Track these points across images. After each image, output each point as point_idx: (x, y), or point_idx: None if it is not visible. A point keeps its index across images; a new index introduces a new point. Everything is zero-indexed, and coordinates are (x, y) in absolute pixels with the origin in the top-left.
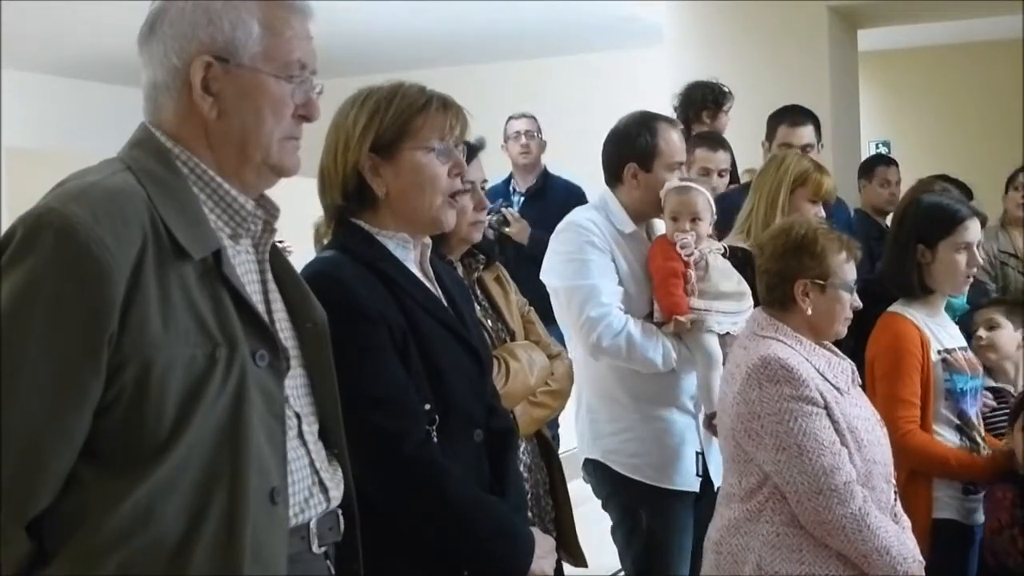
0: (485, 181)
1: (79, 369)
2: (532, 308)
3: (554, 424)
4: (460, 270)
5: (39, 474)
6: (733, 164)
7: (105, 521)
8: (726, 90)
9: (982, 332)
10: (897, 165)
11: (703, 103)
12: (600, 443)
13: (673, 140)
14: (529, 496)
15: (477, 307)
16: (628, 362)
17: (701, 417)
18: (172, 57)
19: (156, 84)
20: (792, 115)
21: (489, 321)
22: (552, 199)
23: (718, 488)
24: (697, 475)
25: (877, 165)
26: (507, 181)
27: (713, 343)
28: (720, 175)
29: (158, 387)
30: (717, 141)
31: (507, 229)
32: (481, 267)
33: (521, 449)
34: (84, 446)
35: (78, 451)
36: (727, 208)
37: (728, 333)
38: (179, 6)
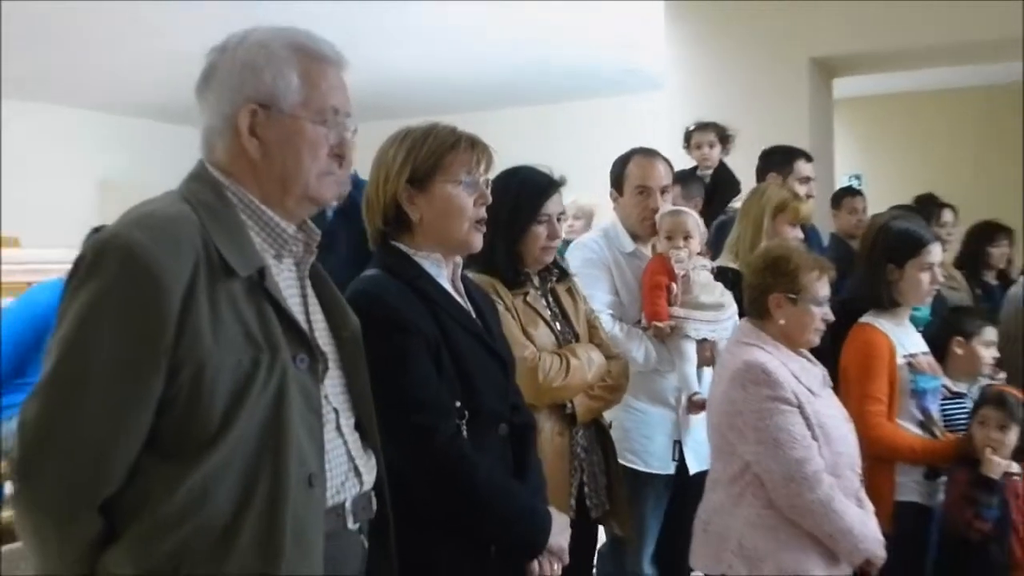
0: (562, 214)
1: (142, 373)
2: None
3: None
4: (537, 281)
5: (109, 463)
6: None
7: (164, 504)
8: (729, 133)
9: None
10: (863, 195)
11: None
12: None
13: (642, 166)
14: (586, 474)
15: (548, 312)
16: None
17: (682, 408)
18: (224, 105)
19: (211, 128)
20: (803, 153)
21: (558, 324)
22: None
23: (694, 473)
24: (673, 460)
25: (845, 196)
26: None
27: (689, 347)
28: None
29: (209, 388)
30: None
31: None
32: (554, 279)
33: (580, 434)
34: (146, 439)
35: (142, 443)
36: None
37: (706, 340)
38: (229, 61)
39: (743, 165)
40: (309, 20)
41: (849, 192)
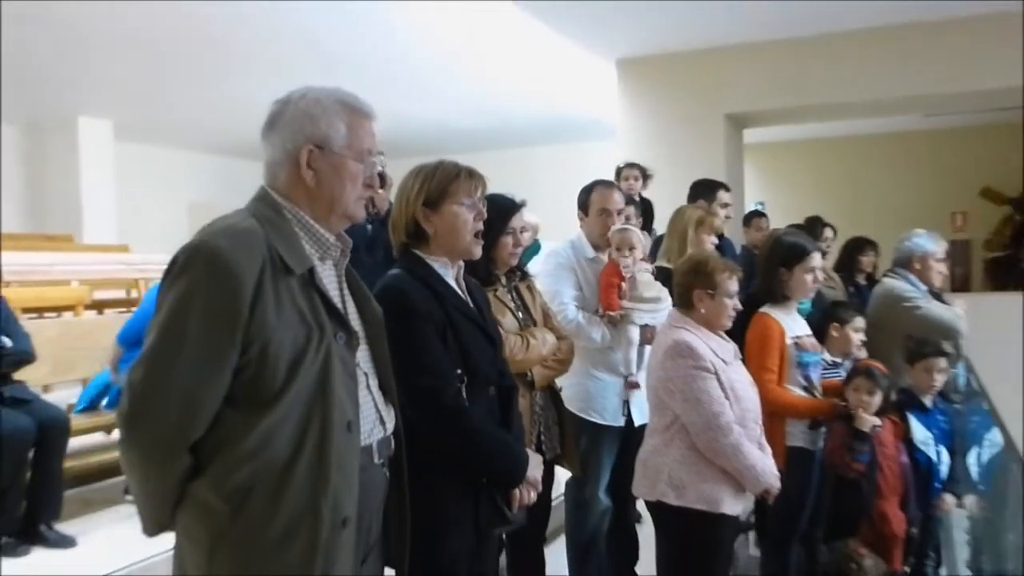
0: (524, 228)
1: (222, 346)
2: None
3: None
4: (504, 280)
5: (197, 413)
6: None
7: (238, 445)
8: (649, 172)
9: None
10: (767, 217)
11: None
12: (564, 392)
13: (603, 195)
14: (542, 426)
15: (512, 303)
16: (577, 339)
17: (629, 377)
18: (287, 144)
19: (274, 161)
20: (724, 185)
21: (520, 313)
22: None
23: (639, 425)
24: (623, 415)
25: (753, 217)
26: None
27: (635, 330)
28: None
29: (273, 357)
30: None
31: None
32: (518, 279)
33: (538, 396)
34: (225, 396)
35: (222, 398)
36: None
37: (647, 325)
38: (292, 111)
39: (677, 195)
40: (344, 75)
41: (757, 214)
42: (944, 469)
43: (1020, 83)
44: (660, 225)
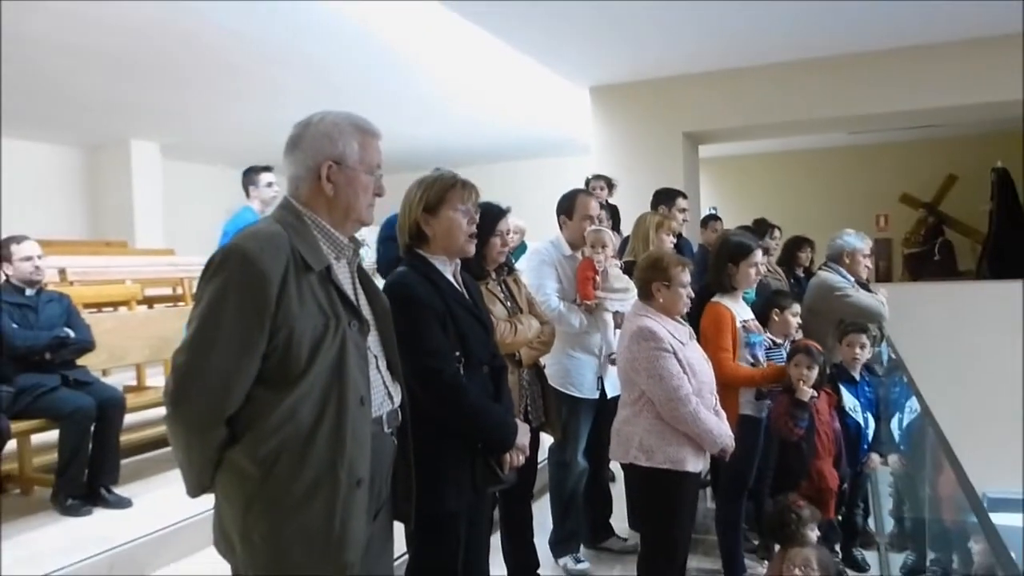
0: (508, 230)
1: (253, 334)
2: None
3: None
4: (494, 275)
5: (232, 391)
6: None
7: (268, 418)
8: (614, 183)
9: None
10: (721, 220)
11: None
12: (547, 370)
13: (584, 202)
14: (528, 398)
15: (501, 294)
16: (559, 325)
17: (603, 358)
18: (308, 161)
19: (296, 176)
20: (682, 193)
21: (508, 303)
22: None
23: (611, 397)
24: (597, 389)
25: (709, 220)
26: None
27: (608, 317)
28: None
29: (297, 342)
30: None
31: None
32: (506, 273)
33: (525, 373)
34: (255, 377)
35: (252, 380)
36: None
37: (618, 312)
38: (312, 132)
39: (643, 202)
40: (349, 101)
41: (712, 217)
42: (871, 433)
43: (932, 105)
44: (627, 228)
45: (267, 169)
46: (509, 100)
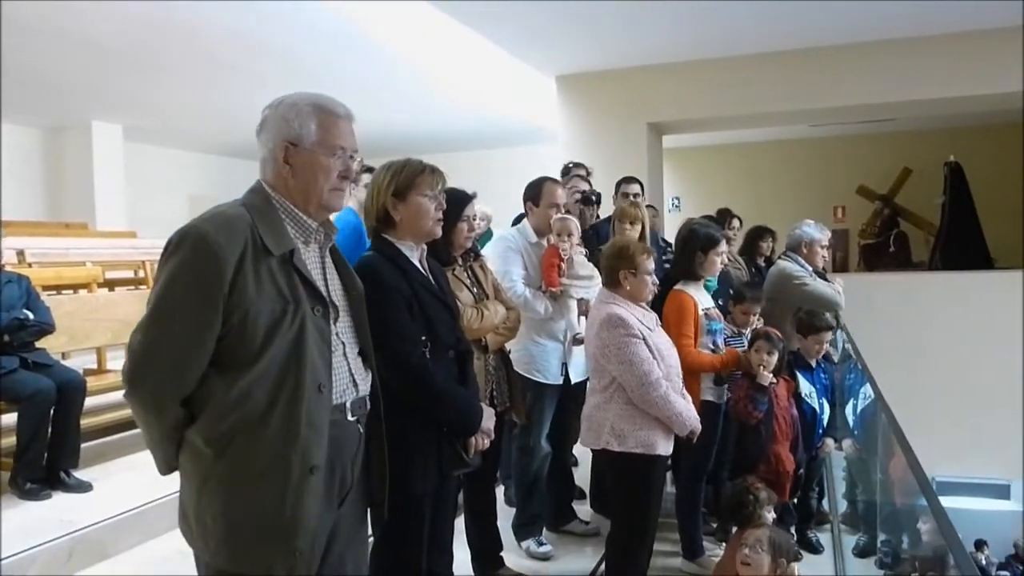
0: (475, 216)
1: (207, 315)
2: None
3: None
4: (461, 261)
5: (187, 372)
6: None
7: (222, 399)
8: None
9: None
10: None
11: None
12: (512, 355)
13: (552, 190)
14: (495, 383)
15: (468, 280)
16: (524, 311)
17: (568, 341)
18: (269, 143)
19: (264, 158)
20: (630, 180)
21: (475, 289)
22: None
23: (575, 383)
24: (561, 375)
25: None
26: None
27: (572, 303)
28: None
29: (252, 325)
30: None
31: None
32: (472, 259)
33: (491, 358)
34: (210, 358)
35: (207, 359)
36: (600, 231)
37: (582, 299)
38: (274, 114)
39: (605, 191)
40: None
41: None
42: (826, 418)
43: (889, 100)
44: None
45: (368, 170)
46: (479, 89)
